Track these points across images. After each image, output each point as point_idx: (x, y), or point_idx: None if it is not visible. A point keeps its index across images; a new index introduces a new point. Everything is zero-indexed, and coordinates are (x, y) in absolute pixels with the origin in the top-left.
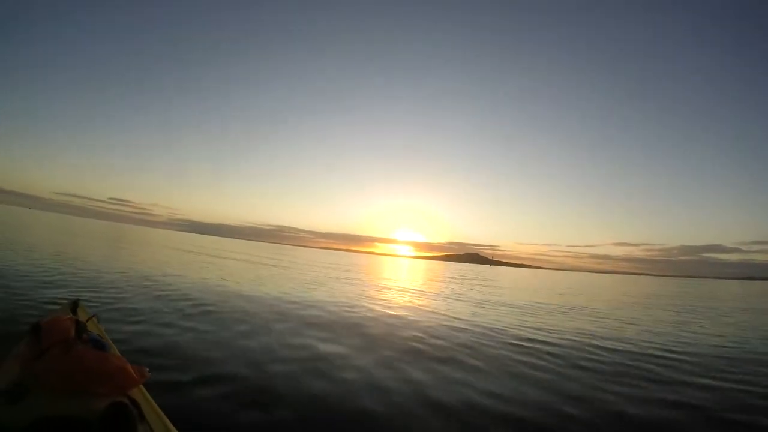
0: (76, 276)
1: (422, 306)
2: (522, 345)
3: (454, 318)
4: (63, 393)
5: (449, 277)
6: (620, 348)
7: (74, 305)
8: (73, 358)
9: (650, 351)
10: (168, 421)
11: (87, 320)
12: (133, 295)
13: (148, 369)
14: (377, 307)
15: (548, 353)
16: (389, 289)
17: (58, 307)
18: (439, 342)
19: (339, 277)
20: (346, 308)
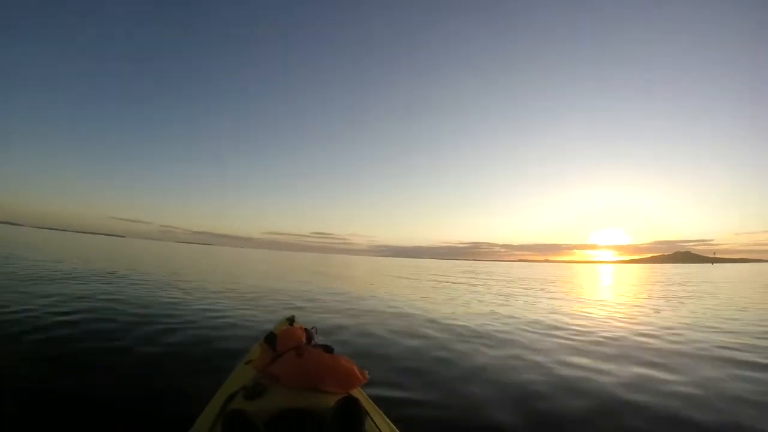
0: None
1: None
2: None
3: None
4: (297, 390)
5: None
6: None
7: (291, 320)
8: (306, 360)
9: None
10: (387, 419)
11: (311, 330)
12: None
13: (367, 371)
14: None
15: None
16: None
17: (276, 321)
18: None
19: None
20: None
